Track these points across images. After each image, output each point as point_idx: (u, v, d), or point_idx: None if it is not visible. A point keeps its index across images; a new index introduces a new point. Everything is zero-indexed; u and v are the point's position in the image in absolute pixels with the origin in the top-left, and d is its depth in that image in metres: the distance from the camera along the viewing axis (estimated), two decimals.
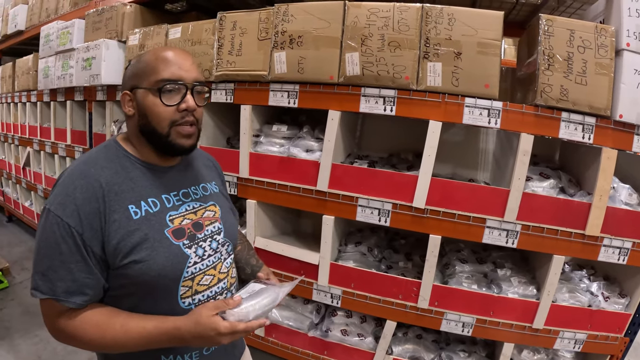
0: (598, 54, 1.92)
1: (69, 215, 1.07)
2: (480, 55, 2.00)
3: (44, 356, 3.12)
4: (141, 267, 1.12)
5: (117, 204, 1.12)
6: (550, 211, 2.07)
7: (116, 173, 1.17)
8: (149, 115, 1.18)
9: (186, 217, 1.26)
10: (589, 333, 2.20)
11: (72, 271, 1.08)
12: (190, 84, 1.19)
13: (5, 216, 6.40)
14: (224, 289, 1.34)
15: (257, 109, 2.63)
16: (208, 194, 1.40)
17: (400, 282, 2.33)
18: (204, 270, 1.25)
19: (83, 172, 1.14)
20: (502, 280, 2.35)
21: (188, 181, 1.35)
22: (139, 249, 1.12)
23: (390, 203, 2.23)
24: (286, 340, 2.71)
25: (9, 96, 5.52)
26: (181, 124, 1.19)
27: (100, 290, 1.15)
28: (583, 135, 1.99)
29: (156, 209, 1.19)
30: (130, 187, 1.17)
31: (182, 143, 1.21)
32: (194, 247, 1.23)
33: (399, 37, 2.08)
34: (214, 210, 1.37)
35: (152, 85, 1.16)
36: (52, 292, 1.09)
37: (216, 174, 1.55)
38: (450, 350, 2.51)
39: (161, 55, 1.19)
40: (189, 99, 1.19)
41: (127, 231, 1.12)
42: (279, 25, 2.33)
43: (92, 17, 3.60)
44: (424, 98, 2.10)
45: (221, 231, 1.35)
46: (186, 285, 1.21)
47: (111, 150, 1.23)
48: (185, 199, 1.30)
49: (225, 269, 1.35)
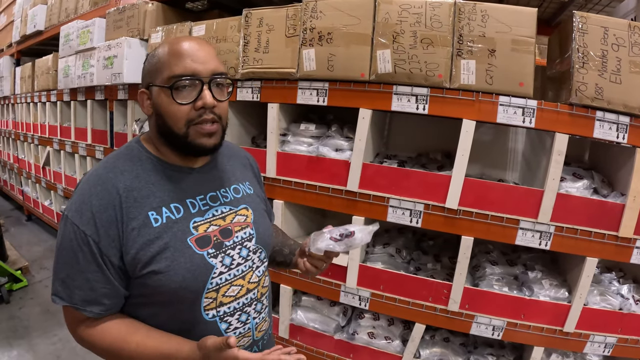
0: (632, 52, 1.88)
1: (85, 223, 1.03)
2: (514, 53, 1.97)
3: (63, 356, 3.12)
4: (161, 278, 1.06)
5: (136, 210, 1.07)
6: (584, 212, 2.03)
7: (137, 177, 1.11)
8: (165, 115, 1.10)
9: (213, 223, 1.18)
10: (619, 337, 2.15)
11: (89, 280, 1.05)
12: (208, 77, 1.08)
13: (25, 215, 6.47)
14: (254, 300, 1.25)
15: (285, 108, 2.61)
16: (240, 196, 1.30)
17: (430, 285, 2.29)
18: (230, 281, 1.17)
19: (101, 178, 1.08)
20: (533, 282, 2.31)
21: (217, 183, 1.25)
22: (159, 258, 1.06)
23: (422, 204, 2.20)
24: (311, 343, 2.69)
25: (28, 96, 5.58)
26: (199, 123, 1.09)
27: (119, 300, 1.11)
28: (617, 134, 1.95)
29: (179, 215, 1.12)
30: (152, 192, 1.11)
31: (204, 143, 1.11)
32: (220, 256, 1.15)
33: (431, 34, 2.05)
34: (246, 215, 1.27)
35: (165, 82, 1.08)
36: (70, 299, 1.06)
37: (252, 174, 1.44)
38: (478, 353, 2.47)
39: (173, 47, 1.09)
40: (206, 95, 1.08)
41: (146, 240, 1.06)
42: (308, 22, 2.30)
43: (113, 16, 3.62)
44: (458, 96, 2.07)
45: (253, 237, 1.26)
46: (210, 297, 1.13)
47: (133, 152, 1.16)
48: (213, 203, 1.21)
49: (256, 278, 1.26)
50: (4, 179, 7.42)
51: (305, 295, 2.85)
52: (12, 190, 6.98)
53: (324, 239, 1.29)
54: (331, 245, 1.28)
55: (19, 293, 4.05)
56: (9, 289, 3.93)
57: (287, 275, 2.67)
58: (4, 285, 3.82)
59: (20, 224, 6.28)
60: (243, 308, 1.21)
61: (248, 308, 1.23)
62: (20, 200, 6.58)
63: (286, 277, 2.69)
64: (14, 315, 3.64)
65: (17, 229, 5.97)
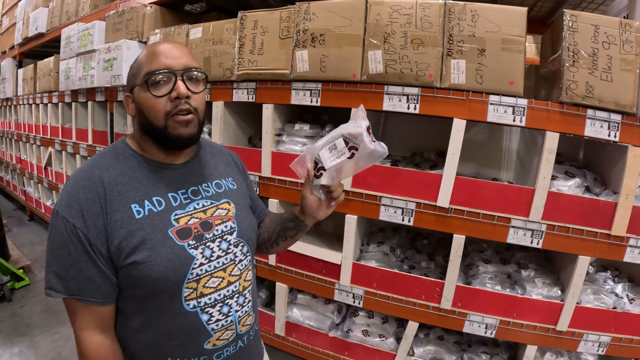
0: (623, 50, 1.89)
1: (74, 215, 1.07)
2: (504, 52, 1.98)
3: (63, 353, 3.15)
4: (143, 268, 1.09)
5: (119, 203, 1.11)
6: (576, 211, 2.04)
7: (121, 173, 1.15)
8: (145, 111, 1.15)
9: (194, 216, 1.21)
10: (614, 336, 2.16)
11: (82, 270, 1.08)
12: (181, 70, 1.14)
13: (27, 215, 6.50)
14: (235, 292, 1.26)
15: (279, 108, 2.64)
16: (222, 191, 1.33)
17: (423, 283, 2.31)
18: (210, 272, 1.19)
19: (87, 173, 1.13)
20: (526, 281, 2.32)
21: (199, 178, 1.29)
22: (141, 249, 1.10)
23: (414, 202, 2.22)
24: (306, 341, 2.71)
25: (30, 97, 5.62)
26: (176, 114, 1.13)
27: (113, 288, 1.13)
28: (609, 133, 1.96)
29: (161, 208, 1.16)
30: (135, 186, 1.15)
31: (181, 132, 1.15)
32: (200, 247, 1.18)
33: (422, 35, 2.06)
34: (228, 209, 1.30)
35: (142, 80, 1.14)
36: (67, 290, 1.09)
37: (237, 171, 1.47)
38: (472, 352, 2.49)
39: (149, 50, 1.16)
40: (180, 86, 1.12)
41: (128, 230, 1.10)
42: (301, 24, 2.33)
43: (112, 19, 3.64)
44: (448, 96, 2.09)
45: (234, 231, 1.28)
46: (190, 287, 1.15)
47: (118, 150, 1.21)
48: (195, 196, 1.24)
49: (237, 271, 1.27)
50: (7, 180, 7.46)
51: (301, 293, 2.87)
52: (15, 191, 7.02)
53: (339, 167, 1.24)
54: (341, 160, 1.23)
55: (21, 291, 4.07)
56: (11, 287, 3.95)
57: (283, 273, 2.70)
58: (7, 283, 3.85)
59: (23, 223, 6.31)
60: (224, 300, 1.23)
61: (230, 300, 1.24)
62: (22, 201, 6.61)
63: (282, 275, 2.71)
64: (16, 313, 3.66)
65: (20, 229, 6.00)
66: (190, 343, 1.17)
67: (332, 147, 1.24)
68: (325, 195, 1.33)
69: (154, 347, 1.17)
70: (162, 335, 1.16)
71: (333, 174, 1.26)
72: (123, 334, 1.19)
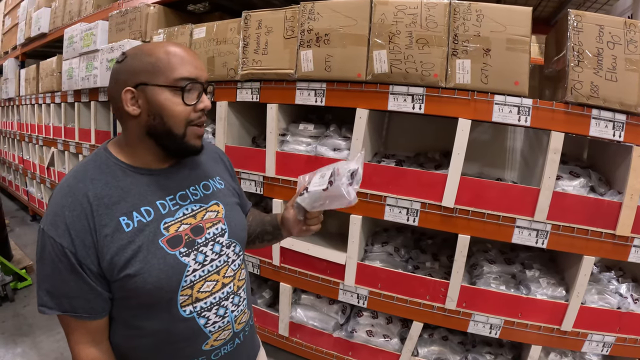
0: (628, 50, 1.89)
1: (61, 235, 1.05)
2: (509, 52, 1.98)
3: (66, 353, 3.14)
4: (136, 280, 1.07)
5: (107, 217, 1.08)
6: (580, 211, 2.04)
7: (106, 184, 1.11)
8: (166, 115, 1.10)
9: (183, 222, 1.18)
10: (618, 336, 2.16)
11: (72, 288, 1.07)
12: (205, 83, 1.15)
13: (30, 215, 6.50)
14: (230, 293, 1.26)
15: (284, 108, 2.63)
16: (210, 192, 1.30)
17: (427, 283, 2.31)
18: (204, 277, 1.18)
19: (72, 189, 1.09)
20: (531, 281, 2.32)
21: (186, 181, 1.26)
22: (133, 262, 1.07)
23: (419, 202, 2.22)
24: (310, 341, 2.71)
25: (33, 97, 5.62)
26: (196, 124, 1.14)
27: (106, 303, 1.12)
28: (614, 132, 1.96)
29: (150, 218, 1.13)
30: (122, 197, 1.11)
31: (196, 144, 1.17)
32: (192, 254, 1.16)
33: (427, 34, 2.06)
34: (217, 210, 1.28)
35: (171, 82, 1.09)
36: (60, 307, 1.08)
37: (223, 167, 1.45)
38: (476, 352, 2.48)
39: (172, 50, 1.12)
40: (206, 99, 1.15)
41: (119, 245, 1.07)
42: (305, 24, 2.33)
43: (115, 19, 3.65)
44: (453, 96, 2.09)
45: (225, 232, 1.26)
46: (185, 294, 1.14)
47: (101, 159, 1.16)
48: (183, 202, 1.21)
49: (231, 272, 1.27)
50: (9, 180, 7.47)
51: (305, 294, 2.87)
52: (17, 191, 7.03)
53: (314, 195, 1.28)
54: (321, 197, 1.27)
55: (24, 291, 4.08)
56: (13, 287, 3.96)
57: (287, 273, 2.70)
58: (9, 283, 3.85)
59: (25, 224, 6.31)
60: (220, 302, 1.23)
61: (225, 302, 1.24)
62: (25, 201, 6.62)
63: (286, 275, 2.71)
64: (18, 313, 3.67)
65: (22, 229, 6.00)
66: (188, 347, 1.18)
67: (322, 174, 1.29)
68: (302, 216, 1.38)
69: (152, 354, 1.17)
70: (160, 341, 1.16)
71: (310, 198, 1.30)
72: (120, 342, 1.18)
